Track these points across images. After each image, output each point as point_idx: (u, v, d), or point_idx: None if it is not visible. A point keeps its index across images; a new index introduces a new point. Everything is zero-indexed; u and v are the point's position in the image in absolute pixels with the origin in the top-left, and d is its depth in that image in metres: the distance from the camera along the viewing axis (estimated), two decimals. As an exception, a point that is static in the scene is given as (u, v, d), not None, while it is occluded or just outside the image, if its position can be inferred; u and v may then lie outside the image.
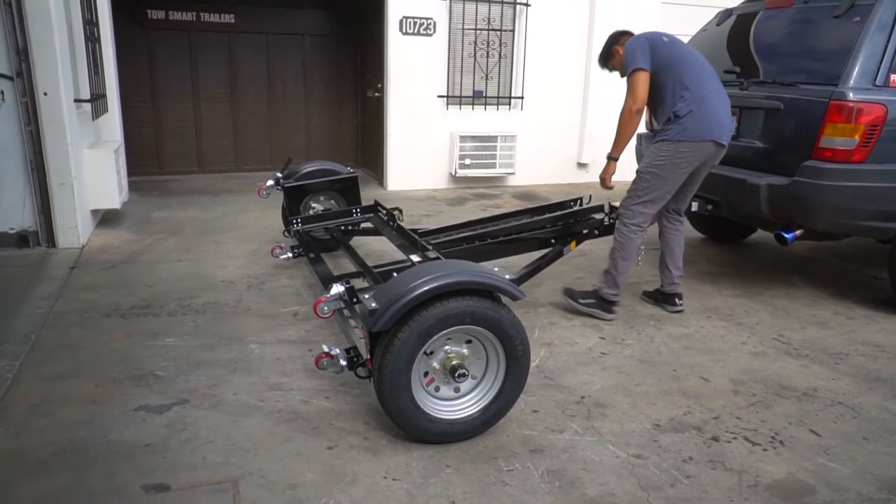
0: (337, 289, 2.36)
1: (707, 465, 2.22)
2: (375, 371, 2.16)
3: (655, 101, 3.35)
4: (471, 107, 7.21)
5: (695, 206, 4.12)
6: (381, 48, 6.91)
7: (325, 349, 2.29)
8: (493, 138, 7.15)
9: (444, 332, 2.16)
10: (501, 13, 7.09)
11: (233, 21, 7.37)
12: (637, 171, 3.43)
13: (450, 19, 6.86)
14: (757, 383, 2.84)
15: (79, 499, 1.94)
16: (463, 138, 7.02)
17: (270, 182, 4.30)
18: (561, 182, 7.72)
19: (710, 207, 4.07)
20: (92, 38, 5.01)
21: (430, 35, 6.81)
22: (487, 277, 2.19)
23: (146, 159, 7.39)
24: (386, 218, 3.91)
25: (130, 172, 6.22)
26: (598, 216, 3.79)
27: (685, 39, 4.81)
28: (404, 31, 6.71)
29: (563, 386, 2.75)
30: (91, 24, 5.01)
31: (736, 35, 4.29)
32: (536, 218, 3.87)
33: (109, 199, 4.89)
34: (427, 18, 6.76)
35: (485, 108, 7.26)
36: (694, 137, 3.21)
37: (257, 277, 4.00)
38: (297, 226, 3.96)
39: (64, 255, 4.29)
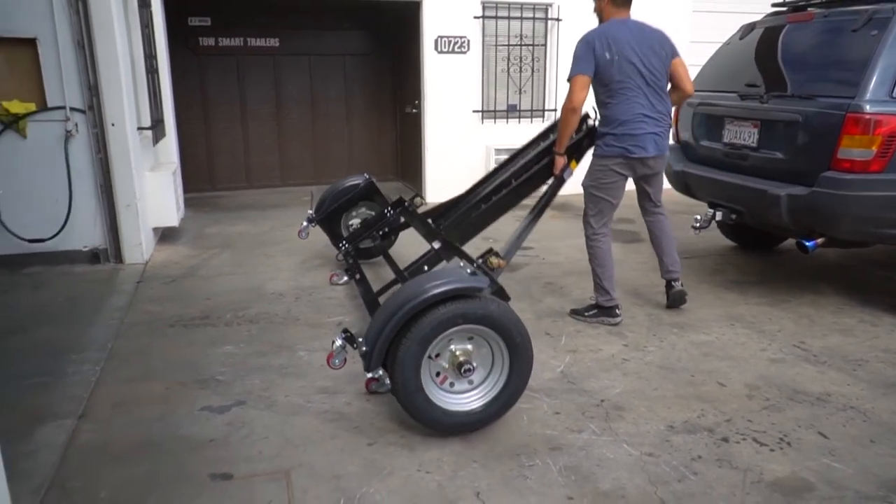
0: (338, 342, 2.54)
1: (714, 464, 2.39)
2: (391, 380, 2.44)
3: (599, 99, 3.56)
4: (505, 120, 7.44)
5: (719, 216, 4.26)
6: (417, 66, 7.21)
7: (369, 374, 2.47)
8: (526, 150, 7.35)
9: (442, 335, 2.40)
10: (533, 29, 7.31)
11: (277, 45, 7.80)
12: (582, 187, 3.69)
13: (483, 36, 7.12)
14: (772, 388, 2.98)
15: (157, 484, 2.26)
16: (498, 151, 7.22)
17: (305, 223, 4.63)
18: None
19: (734, 216, 4.21)
20: (151, 70, 5.46)
21: (465, 52, 7.07)
22: (454, 283, 2.39)
23: (198, 177, 7.85)
24: (411, 207, 4.21)
25: (185, 189, 6.66)
26: (583, 127, 3.71)
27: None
28: (439, 49, 7.00)
29: (585, 390, 2.96)
30: (151, 57, 5.46)
31: (758, 49, 4.40)
32: (532, 153, 3.85)
33: (169, 217, 5.32)
34: (461, 37, 7.02)
35: (519, 122, 7.47)
36: (611, 153, 3.49)
37: (304, 289, 4.32)
38: (347, 247, 4.34)
39: (130, 270, 4.71)
